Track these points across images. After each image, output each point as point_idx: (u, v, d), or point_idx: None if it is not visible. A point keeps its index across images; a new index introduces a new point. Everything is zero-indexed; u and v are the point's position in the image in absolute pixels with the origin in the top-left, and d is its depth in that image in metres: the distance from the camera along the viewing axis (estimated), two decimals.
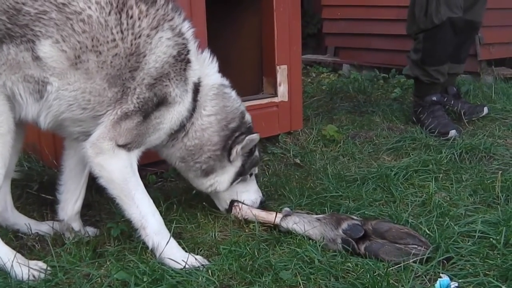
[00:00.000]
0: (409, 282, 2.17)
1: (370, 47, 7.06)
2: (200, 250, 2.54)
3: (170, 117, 2.50)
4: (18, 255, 2.32)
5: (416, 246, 2.40)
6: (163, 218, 2.58)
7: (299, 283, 2.21)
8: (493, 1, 4.98)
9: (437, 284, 2.15)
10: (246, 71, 4.27)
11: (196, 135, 2.65)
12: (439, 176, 3.42)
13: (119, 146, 2.37)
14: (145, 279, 2.21)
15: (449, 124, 4.32)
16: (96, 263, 2.40)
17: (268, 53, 4.09)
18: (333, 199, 3.05)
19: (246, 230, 2.76)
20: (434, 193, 3.13)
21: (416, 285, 2.19)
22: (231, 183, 2.81)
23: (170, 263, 2.36)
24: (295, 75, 4.19)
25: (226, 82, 2.79)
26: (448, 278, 2.19)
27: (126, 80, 2.34)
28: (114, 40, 2.29)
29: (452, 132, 4.20)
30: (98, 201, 3.00)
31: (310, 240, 2.55)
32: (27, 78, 2.24)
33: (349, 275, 2.26)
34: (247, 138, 2.73)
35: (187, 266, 2.33)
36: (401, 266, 2.29)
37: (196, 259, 2.38)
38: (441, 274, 2.24)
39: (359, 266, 2.32)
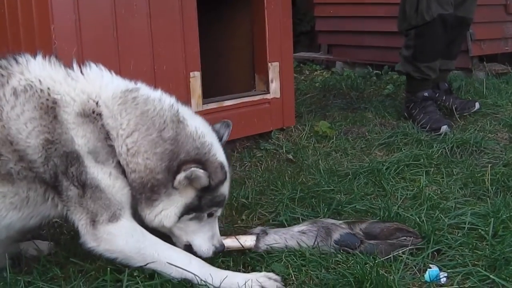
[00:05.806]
0: (398, 272, 2.20)
1: (363, 44, 7.09)
2: None
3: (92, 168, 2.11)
4: None
5: (405, 238, 2.43)
6: None
7: (291, 275, 2.23)
8: None
9: (427, 275, 2.19)
10: (239, 68, 4.30)
11: (129, 168, 2.14)
12: (430, 170, 3.46)
13: (102, 222, 2.12)
14: (136, 273, 2.22)
15: (441, 120, 4.35)
16: (91, 258, 2.42)
17: (260, 51, 4.13)
18: (325, 193, 3.07)
19: (239, 222, 2.79)
20: (425, 187, 3.16)
21: (406, 276, 2.22)
22: (179, 217, 2.20)
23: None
24: (287, 72, 4.22)
25: (131, 84, 2.24)
26: (437, 269, 2.23)
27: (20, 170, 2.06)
28: None
29: (444, 128, 4.23)
30: None
31: None
32: None
33: (340, 266, 2.28)
34: (192, 169, 2.08)
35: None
36: (391, 257, 2.32)
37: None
38: (430, 265, 2.28)
39: (349, 258, 2.34)
